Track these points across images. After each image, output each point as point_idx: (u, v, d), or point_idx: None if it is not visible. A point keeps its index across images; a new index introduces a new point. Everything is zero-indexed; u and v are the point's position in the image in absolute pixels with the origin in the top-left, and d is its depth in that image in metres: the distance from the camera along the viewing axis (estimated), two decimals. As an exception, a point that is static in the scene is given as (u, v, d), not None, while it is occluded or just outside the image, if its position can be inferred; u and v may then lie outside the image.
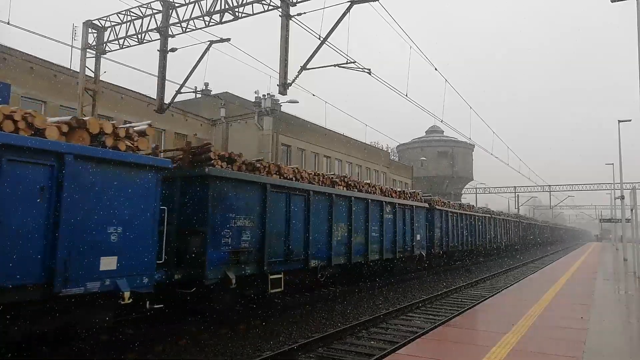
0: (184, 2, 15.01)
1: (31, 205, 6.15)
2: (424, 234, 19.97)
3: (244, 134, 29.63)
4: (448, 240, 23.36)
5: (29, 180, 6.16)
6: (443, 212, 22.93)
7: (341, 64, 14.11)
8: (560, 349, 6.95)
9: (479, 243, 29.77)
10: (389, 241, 16.46)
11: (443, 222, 22.84)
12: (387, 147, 61.39)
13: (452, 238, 24.04)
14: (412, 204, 18.58)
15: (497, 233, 35.43)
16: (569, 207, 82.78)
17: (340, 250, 13.50)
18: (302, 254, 11.78)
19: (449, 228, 23.57)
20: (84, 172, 6.70)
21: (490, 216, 33.93)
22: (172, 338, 8.85)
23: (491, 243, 33.52)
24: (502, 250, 38.24)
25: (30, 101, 19.60)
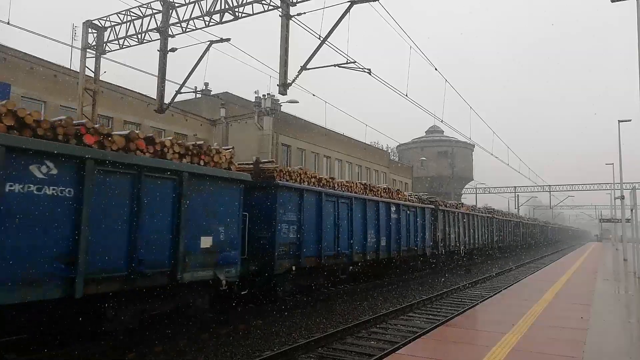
0: (184, 2, 15.01)
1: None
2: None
3: (244, 134, 29.64)
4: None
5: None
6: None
7: (341, 64, 14.11)
8: (560, 349, 6.95)
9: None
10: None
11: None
12: (387, 147, 61.55)
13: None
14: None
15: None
16: (569, 207, 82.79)
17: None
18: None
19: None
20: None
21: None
22: (172, 338, 8.85)
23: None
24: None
25: (30, 101, 19.60)
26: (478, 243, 28.96)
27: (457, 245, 24.80)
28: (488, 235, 31.88)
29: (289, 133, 31.99)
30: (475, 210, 30.44)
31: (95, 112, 17.32)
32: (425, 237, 19.84)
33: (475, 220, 28.79)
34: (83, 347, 7.81)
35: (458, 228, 24.88)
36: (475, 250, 28.88)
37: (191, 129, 28.93)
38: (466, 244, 26.25)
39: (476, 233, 28.56)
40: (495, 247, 34.16)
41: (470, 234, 27.20)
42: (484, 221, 30.80)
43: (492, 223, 33.18)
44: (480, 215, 30.08)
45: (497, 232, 34.79)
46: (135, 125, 24.82)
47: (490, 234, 32.49)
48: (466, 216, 26.70)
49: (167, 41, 15.87)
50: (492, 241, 33.28)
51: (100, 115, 20.33)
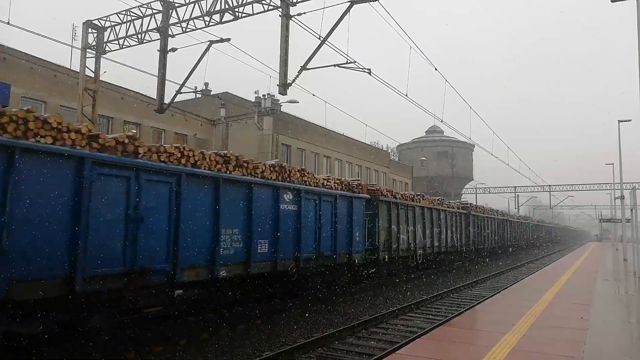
0: (184, 2, 15.02)
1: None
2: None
3: (244, 134, 29.64)
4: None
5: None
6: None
7: (341, 64, 14.12)
8: (560, 349, 6.95)
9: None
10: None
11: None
12: (387, 147, 61.53)
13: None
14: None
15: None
16: (569, 207, 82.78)
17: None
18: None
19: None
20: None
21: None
22: (172, 338, 8.85)
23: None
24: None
25: (30, 101, 19.60)
26: (446, 246, 23.24)
27: (413, 249, 19.26)
28: (461, 236, 25.80)
29: (289, 133, 31.99)
30: (444, 204, 24.27)
31: (95, 112, 17.33)
32: (353, 238, 14.21)
33: (443, 216, 23.02)
34: (83, 347, 7.81)
35: (414, 226, 19.45)
36: (442, 255, 23.36)
37: (191, 129, 28.94)
38: (426, 248, 20.83)
39: (444, 233, 22.97)
40: (471, 250, 27.99)
41: (434, 234, 21.74)
42: (455, 218, 24.86)
43: (468, 221, 27.31)
44: (450, 211, 24.24)
45: (475, 232, 28.76)
46: (135, 125, 24.83)
47: (463, 234, 26.30)
48: (428, 211, 21.21)
49: (167, 41, 15.87)
50: (469, 243, 27.38)
51: (100, 115, 20.33)
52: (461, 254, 26.22)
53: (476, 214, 29.15)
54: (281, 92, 13.29)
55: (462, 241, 25.88)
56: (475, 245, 28.70)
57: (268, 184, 11.03)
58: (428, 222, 21.08)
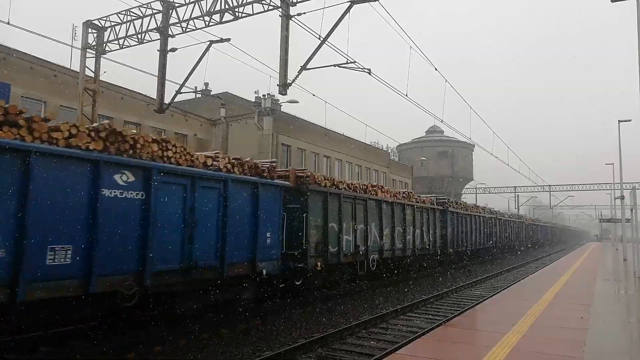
0: (184, 2, 15.02)
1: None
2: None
3: (244, 134, 29.64)
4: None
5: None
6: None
7: (341, 64, 14.12)
8: (560, 349, 6.95)
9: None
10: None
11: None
12: (387, 147, 61.56)
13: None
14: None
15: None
16: (569, 207, 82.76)
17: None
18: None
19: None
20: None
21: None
22: (172, 338, 8.85)
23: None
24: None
25: (30, 101, 19.60)
26: (413, 248, 19.20)
27: (363, 253, 15.22)
28: (435, 237, 21.86)
29: (289, 133, 31.98)
30: (413, 198, 20.21)
31: (95, 112, 17.33)
32: (259, 241, 10.48)
33: (410, 213, 19.03)
34: (83, 347, 7.81)
35: (366, 225, 15.54)
36: (408, 260, 19.28)
37: (191, 129, 28.95)
38: (384, 251, 16.67)
39: (411, 233, 18.99)
40: (449, 252, 23.78)
41: (397, 234, 17.68)
42: (427, 215, 20.93)
43: (444, 219, 23.27)
44: (419, 207, 20.13)
45: (455, 231, 24.40)
46: (135, 125, 24.83)
47: (438, 235, 22.34)
48: (388, 207, 17.11)
49: (167, 41, 15.88)
50: (445, 245, 23.21)
51: (100, 115, 20.33)
52: (435, 257, 22.38)
53: (455, 211, 24.85)
54: (281, 92, 13.29)
55: (435, 242, 21.94)
56: (454, 246, 24.36)
57: (78, 156, 7.11)
58: (388, 219, 17.00)
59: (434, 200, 23.11)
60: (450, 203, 24.63)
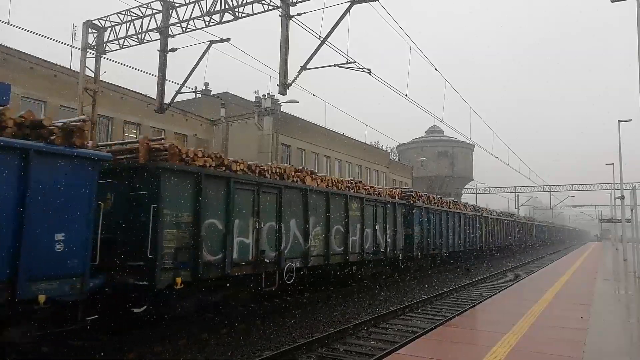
0: (184, 2, 15.01)
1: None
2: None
3: (244, 134, 29.64)
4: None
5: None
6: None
7: (341, 64, 14.11)
8: (560, 349, 6.95)
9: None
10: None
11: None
12: (387, 147, 61.57)
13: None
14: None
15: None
16: (569, 207, 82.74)
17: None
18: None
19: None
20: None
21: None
22: (172, 338, 8.85)
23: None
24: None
25: (30, 101, 19.60)
26: (361, 252, 15.21)
27: (274, 261, 11.27)
28: (394, 238, 17.64)
29: (289, 133, 31.99)
30: (362, 188, 16.06)
31: (95, 112, 17.32)
32: (53, 245, 6.69)
33: (357, 207, 15.07)
34: (83, 347, 7.81)
35: (279, 222, 11.56)
36: (352, 268, 15.24)
37: (191, 129, 28.94)
38: (310, 257, 12.64)
39: (357, 233, 15.06)
40: (415, 256, 19.76)
41: (333, 234, 13.66)
42: (382, 211, 16.83)
43: (410, 216, 19.31)
44: (370, 199, 16.01)
45: (425, 231, 20.43)
46: (135, 125, 24.83)
47: (399, 235, 18.09)
48: (318, 197, 13.21)
49: (167, 41, 15.87)
50: (410, 247, 19.07)
51: (100, 116, 20.32)
52: (395, 263, 18.31)
53: (425, 206, 20.85)
54: (281, 92, 13.28)
55: (396, 244, 17.68)
56: (424, 249, 20.41)
57: None
58: (319, 215, 13.09)
59: (398, 193, 19.48)
60: (418, 197, 20.86)
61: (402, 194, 19.90)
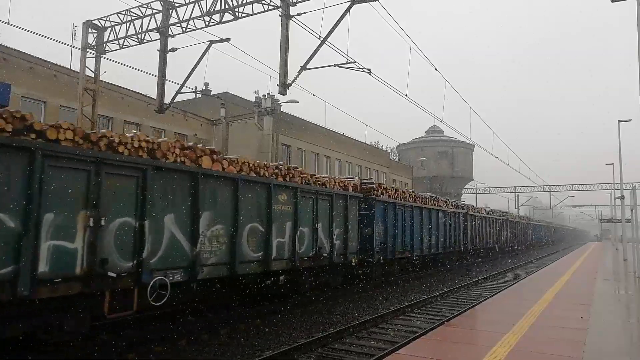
0: (184, 2, 15.02)
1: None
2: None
3: (244, 134, 29.65)
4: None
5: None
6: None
7: (341, 64, 14.12)
8: (560, 349, 6.95)
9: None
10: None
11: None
12: (387, 147, 61.59)
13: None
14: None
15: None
16: (569, 207, 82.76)
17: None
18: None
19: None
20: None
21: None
22: (172, 338, 8.86)
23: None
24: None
25: (30, 101, 19.61)
26: (292, 258, 11.70)
27: (149, 274, 7.96)
28: (346, 238, 14.18)
29: (289, 133, 32.00)
30: (297, 174, 12.53)
31: (95, 112, 17.33)
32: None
33: (288, 199, 11.68)
34: (83, 347, 7.81)
35: (190, 221, 8.96)
36: (282, 279, 12.03)
37: (191, 129, 28.94)
38: (205, 266, 9.20)
39: (287, 233, 11.66)
40: (373, 263, 15.99)
41: (246, 234, 9.33)
42: (324, 204, 13.29)
43: (370, 214, 15.86)
44: (310, 190, 12.62)
45: (388, 230, 16.88)
46: (135, 125, 24.84)
47: (352, 235, 14.55)
48: (225, 185, 9.82)
49: (167, 41, 15.88)
50: (369, 249, 15.64)
51: (100, 116, 20.33)
52: (347, 270, 14.88)
53: (391, 202, 17.34)
54: (281, 92, 13.29)
55: (346, 248, 14.12)
56: (387, 253, 16.73)
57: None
58: (215, 208, 9.51)
59: (352, 184, 15.59)
60: (382, 190, 17.30)
61: (361, 186, 16.55)
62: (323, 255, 13.17)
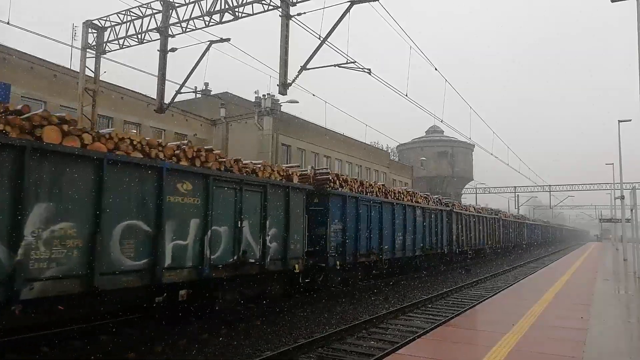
0: (184, 2, 15.01)
1: None
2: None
3: (244, 134, 29.65)
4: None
5: None
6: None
7: (341, 64, 14.11)
8: (560, 349, 6.95)
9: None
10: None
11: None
12: (387, 147, 61.60)
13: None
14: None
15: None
16: (569, 207, 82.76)
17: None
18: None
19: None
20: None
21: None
22: (172, 338, 8.85)
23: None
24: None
25: (30, 101, 19.60)
26: (206, 263, 9.30)
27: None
28: (287, 241, 11.72)
29: (289, 133, 31.99)
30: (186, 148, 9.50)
31: (95, 112, 17.33)
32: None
33: (210, 192, 9.35)
34: (83, 347, 7.82)
35: (7, 218, 6.27)
36: (223, 286, 10.19)
37: (191, 129, 28.94)
38: (88, 275, 7.14)
39: (240, 231, 10.21)
40: (334, 268, 14.08)
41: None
42: (264, 198, 10.99)
43: (325, 208, 13.64)
44: (231, 180, 10.14)
45: (345, 232, 14.32)
46: (135, 125, 24.83)
47: (274, 236, 11.37)
48: (122, 171, 7.74)
49: (167, 41, 15.87)
50: (327, 255, 13.50)
51: (100, 116, 20.33)
52: (290, 279, 12.45)
53: (353, 196, 14.83)
54: (281, 92, 13.28)
55: (286, 251, 11.56)
56: (346, 257, 14.30)
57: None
58: (48, 199, 6.77)
59: (297, 172, 13.01)
60: (342, 181, 14.85)
61: (315, 177, 14.15)
62: (249, 262, 10.40)
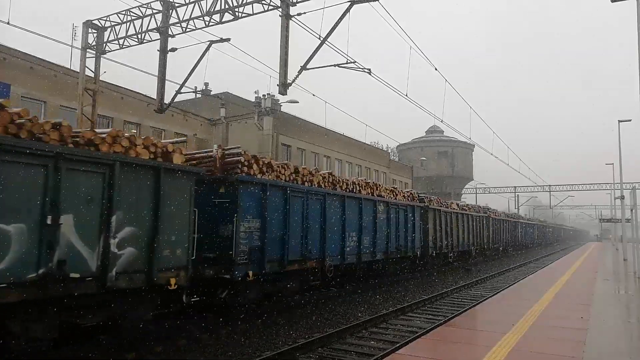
0: (184, 2, 15.01)
1: None
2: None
3: (244, 134, 29.63)
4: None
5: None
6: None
7: (341, 64, 14.12)
8: (560, 349, 6.95)
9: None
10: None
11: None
12: (387, 147, 61.59)
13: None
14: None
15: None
16: (569, 207, 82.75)
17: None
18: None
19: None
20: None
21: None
22: (172, 338, 8.85)
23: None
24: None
25: (30, 101, 19.59)
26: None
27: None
28: (155, 244, 8.13)
29: (289, 133, 31.99)
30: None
31: (95, 112, 17.33)
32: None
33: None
34: (83, 347, 7.81)
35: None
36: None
37: (191, 129, 28.93)
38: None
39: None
40: (246, 280, 10.63)
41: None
42: (113, 182, 7.49)
43: (233, 202, 10.35)
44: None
45: (263, 232, 11.03)
46: (135, 125, 24.83)
47: (144, 238, 8.06)
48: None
49: (167, 41, 15.87)
50: (234, 263, 10.15)
51: (100, 115, 20.32)
52: (169, 298, 8.97)
53: (266, 184, 11.29)
54: (281, 92, 13.28)
55: (147, 259, 8.05)
56: (264, 266, 11.00)
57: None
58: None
59: (180, 149, 9.22)
60: (263, 165, 11.80)
61: (223, 159, 11.12)
62: (73, 278, 6.95)
